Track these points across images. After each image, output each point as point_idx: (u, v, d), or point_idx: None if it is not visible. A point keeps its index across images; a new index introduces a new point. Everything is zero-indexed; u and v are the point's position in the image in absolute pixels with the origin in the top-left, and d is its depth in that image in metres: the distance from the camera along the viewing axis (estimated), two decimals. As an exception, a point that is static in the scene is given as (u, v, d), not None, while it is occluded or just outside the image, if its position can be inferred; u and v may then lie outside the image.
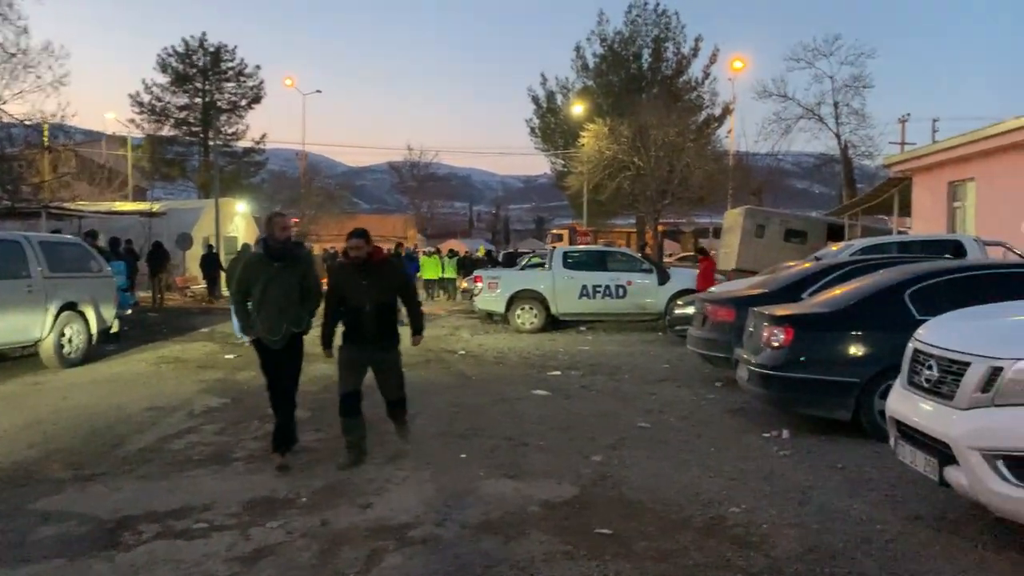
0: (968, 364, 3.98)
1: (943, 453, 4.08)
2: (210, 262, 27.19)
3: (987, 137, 17.59)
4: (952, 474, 4.03)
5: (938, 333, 4.50)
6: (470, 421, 7.75)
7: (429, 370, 11.35)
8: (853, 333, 6.85)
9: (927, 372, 4.35)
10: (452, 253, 29.51)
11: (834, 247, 15.05)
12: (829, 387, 6.79)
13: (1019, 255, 13.10)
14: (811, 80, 55.55)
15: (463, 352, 13.41)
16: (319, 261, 36.70)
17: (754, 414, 7.96)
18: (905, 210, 25.23)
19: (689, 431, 7.31)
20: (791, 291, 9.26)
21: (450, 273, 26.41)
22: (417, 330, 6.62)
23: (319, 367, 11.44)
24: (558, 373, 11.07)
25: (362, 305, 6.13)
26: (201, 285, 28.39)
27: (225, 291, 26.88)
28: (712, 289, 13.71)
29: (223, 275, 27.41)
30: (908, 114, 44.32)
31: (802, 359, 6.85)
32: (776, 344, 6.97)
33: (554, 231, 57.91)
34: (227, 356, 12.74)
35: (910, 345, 4.71)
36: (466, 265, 27.35)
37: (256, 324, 6.27)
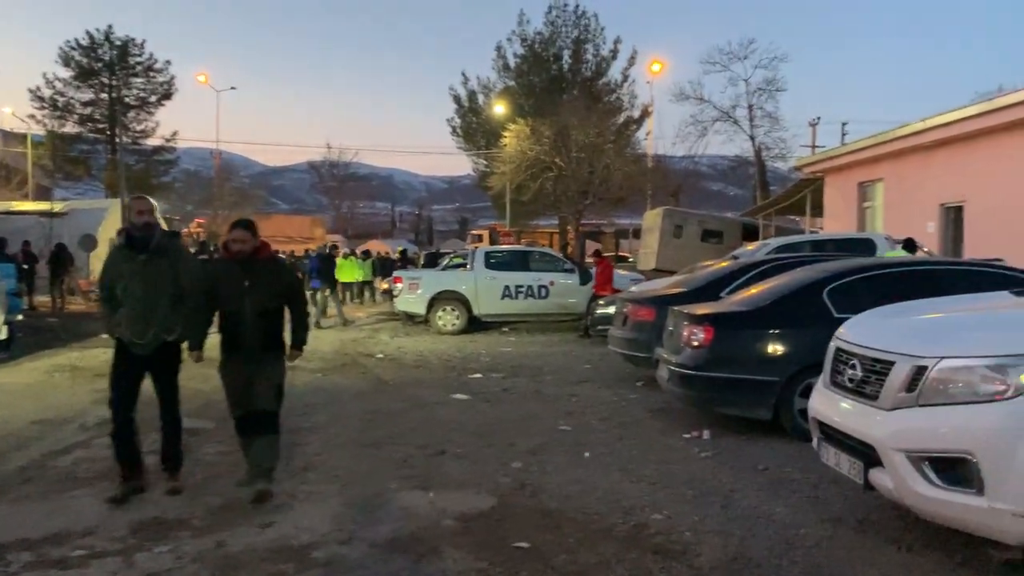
0: (892, 363, 3.87)
1: (868, 455, 3.96)
2: None
3: (895, 139, 18.14)
4: (877, 477, 3.91)
5: (860, 332, 4.40)
6: (384, 429, 7.39)
7: (344, 375, 10.93)
8: (772, 331, 6.79)
9: (850, 372, 4.24)
10: (366, 254, 28.24)
11: (749, 247, 15.24)
12: (749, 386, 6.71)
13: (928, 253, 13.46)
14: (726, 83, 56.78)
15: (381, 355, 13.01)
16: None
17: (675, 414, 7.85)
18: (817, 210, 25.90)
19: (610, 433, 7.13)
20: (710, 290, 9.21)
21: (365, 275, 25.32)
22: (298, 342, 5.62)
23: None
24: (479, 376, 10.80)
25: (241, 309, 5.27)
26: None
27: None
28: (633, 289, 13.66)
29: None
30: (818, 118, 45.77)
31: (722, 358, 6.74)
32: (696, 343, 6.85)
33: (474, 231, 57.18)
34: (128, 363, 12.01)
35: (832, 344, 4.61)
36: (385, 266, 26.62)
37: (119, 324, 5.30)
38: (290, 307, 5.58)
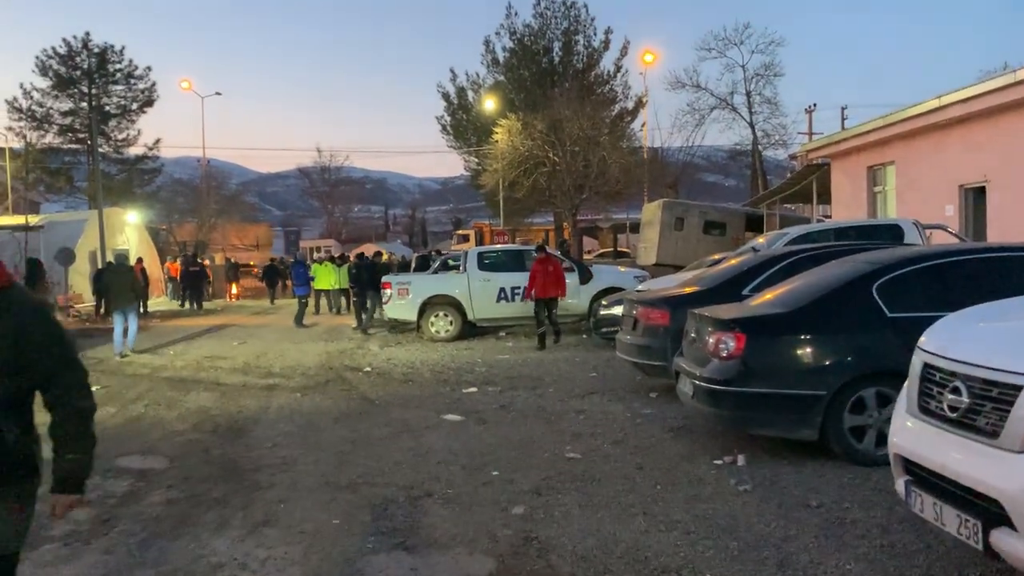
0: (1020, 388, 2.86)
1: (989, 512, 2.95)
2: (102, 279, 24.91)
3: (905, 119, 17.11)
4: (1004, 541, 2.90)
5: (959, 343, 3.38)
6: (364, 463, 6.36)
7: (326, 394, 9.90)
8: (815, 337, 5.77)
9: (951, 397, 3.22)
10: (343, 259, 24.74)
11: (760, 239, 14.18)
12: (790, 402, 5.68)
13: (960, 238, 12.47)
14: (723, 70, 55.91)
15: (369, 369, 11.97)
16: (223, 271, 34.54)
17: (700, 433, 6.84)
18: (824, 197, 24.90)
19: (627, 461, 6.11)
20: (730, 288, 8.19)
21: (340, 282, 22.32)
22: (72, 480, 2.80)
23: (195, 397, 9.90)
24: (474, 390, 9.77)
25: None
26: (89, 304, 26.05)
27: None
28: (641, 288, 12.64)
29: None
30: (814, 104, 44.91)
31: (757, 370, 5.72)
32: (725, 353, 5.83)
33: (460, 232, 54.95)
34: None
35: (917, 359, 3.59)
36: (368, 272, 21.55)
37: None
38: (46, 393, 2.78)
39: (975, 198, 15.83)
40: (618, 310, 13.34)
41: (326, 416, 8.43)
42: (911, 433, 3.49)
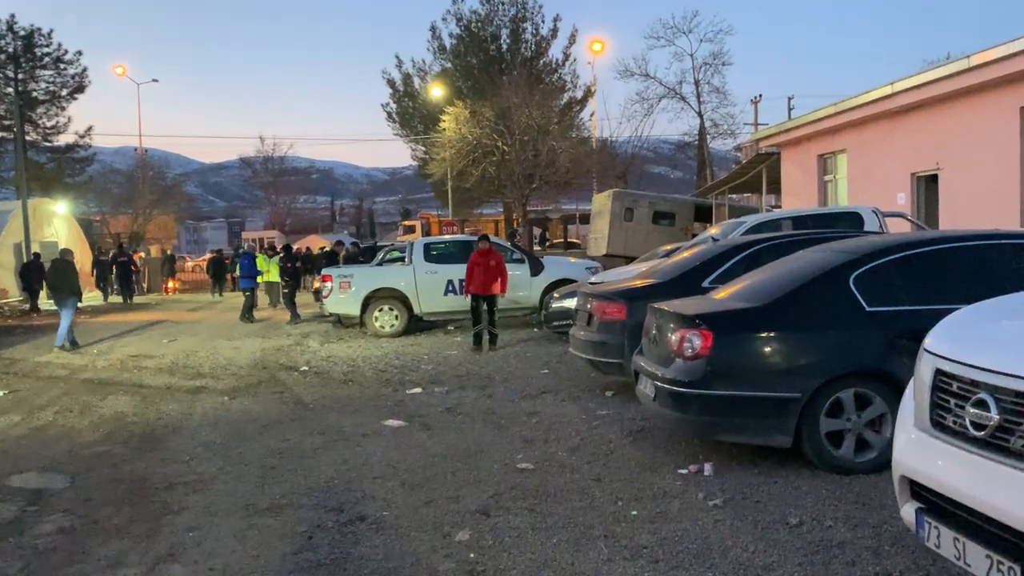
0: (1067, 404, 2.34)
1: (1031, 555, 2.43)
2: (33, 271, 23.55)
3: (857, 107, 16.92)
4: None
5: (980, 345, 2.87)
6: (290, 480, 5.68)
7: (257, 397, 9.15)
8: (788, 334, 5.27)
9: (973, 412, 2.71)
10: (273, 250, 22.82)
11: (713, 229, 13.76)
12: (762, 406, 5.18)
13: (920, 226, 12.20)
14: (672, 59, 55.85)
15: (306, 368, 11.23)
16: (159, 264, 33.04)
17: (661, 437, 6.31)
18: (773, 187, 24.77)
19: (584, 472, 5.54)
20: (690, 280, 7.69)
21: (272, 275, 20.41)
22: None
23: (113, 402, 9.03)
24: (419, 391, 9.13)
25: None
26: (16, 298, 24.63)
27: (47, 302, 23.40)
28: (594, 279, 12.11)
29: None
30: (760, 95, 45.17)
31: (726, 371, 5.20)
32: (690, 353, 5.30)
33: (406, 223, 52.82)
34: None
35: (925, 365, 3.07)
36: (296, 263, 20.39)
37: None
38: None
39: (927, 186, 15.70)
40: (570, 303, 12.81)
41: (254, 423, 7.70)
42: (921, 452, 2.97)
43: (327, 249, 19.69)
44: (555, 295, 13.28)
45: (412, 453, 6.27)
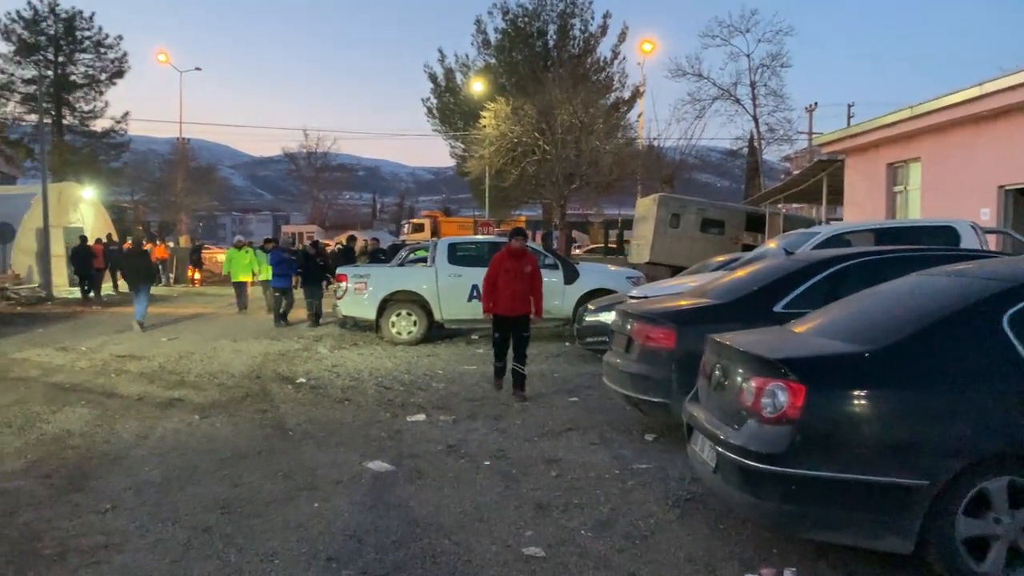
0: None
1: None
2: (85, 256, 22.68)
3: (937, 110, 15.08)
4: None
5: None
6: (219, 557, 4.24)
7: (233, 416, 7.77)
8: (914, 393, 3.69)
9: None
10: (276, 243, 20.11)
11: (770, 243, 12.07)
12: (872, 495, 3.61)
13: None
14: (727, 59, 53.82)
15: (303, 380, 9.86)
16: (187, 254, 32.02)
17: (721, 515, 4.77)
18: (834, 196, 22.92)
19: (615, 566, 4.03)
20: (756, 302, 6.15)
21: (264, 274, 18.50)
22: None
23: (66, 416, 7.42)
24: (421, 418, 7.68)
25: None
26: (32, 284, 23.78)
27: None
28: (635, 293, 10.56)
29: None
30: (815, 103, 42.71)
31: (822, 443, 3.66)
32: (773, 412, 3.76)
33: (414, 220, 49.11)
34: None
35: None
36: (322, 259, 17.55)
37: None
38: None
39: (1015, 200, 13.89)
40: (607, 317, 11.30)
41: (213, 455, 6.31)
42: None
43: (342, 244, 17.64)
44: (590, 307, 11.77)
45: (389, 517, 4.80)
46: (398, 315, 13.61)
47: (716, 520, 4.70)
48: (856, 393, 3.69)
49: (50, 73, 39.60)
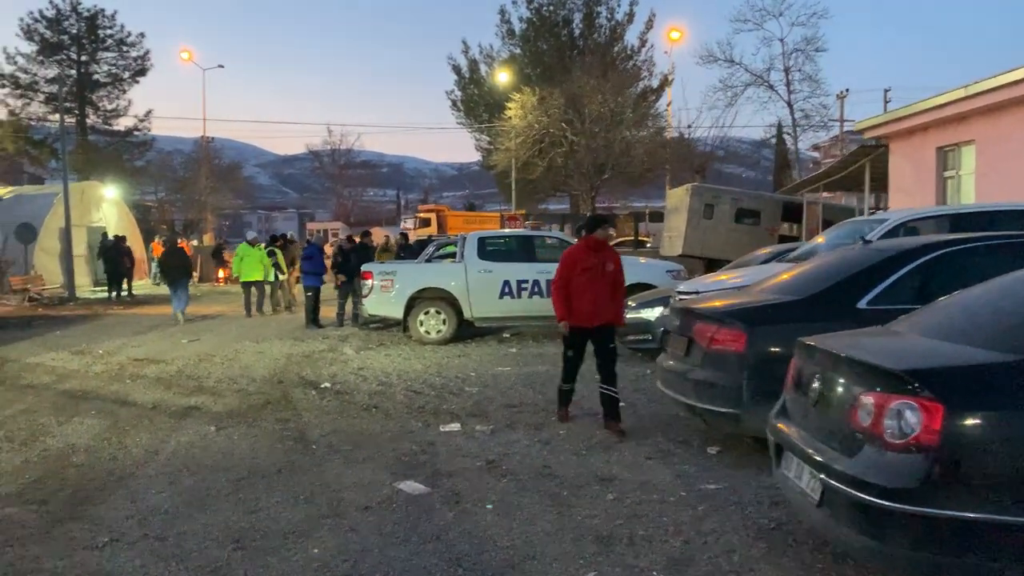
0: None
1: None
2: (116, 255, 22.53)
3: (994, 88, 14.14)
4: None
5: None
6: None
7: (252, 427, 7.15)
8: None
9: None
10: (273, 242, 19.01)
11: (819, 238, 11.20)
12: (1034, 541, 2.88)
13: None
14: (759, 44, 52.57)
15: (328, 384, 9.24)
16: (210, 253, 31.55)
17: (815, 549, 4.05)
18: (877, 183, 21.93)
19: (699, 620, 3.33)
20: (838, 297, 5.40)
21: (267, 272, 17.74)
22: None
23: (74, 428, 6.34)
24: (455, 427, 7.01)
25: None
26: (55, 284, 23.43)
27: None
28: (683, 288, 9.80)
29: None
30: (847, 89, 41.25)
31: (969, 476, 2.93)
32: (902, 437, 3.03)
33: (420, 214, 45.38)
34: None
35: None
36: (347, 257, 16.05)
37: None
38: None
39: (1085, 186, 12.94)
40: (648, 313, 10.58)
41: (229, 474, 5.68)
42: None
43: (358, 241, 16.47)
44: (630, 303, 11.01)
45: (426, 554, 4.14)
46: (426, 313, 12.99)
47: (810, 557, 3.98)
48: (1011, 414, 2.95)
49: (73, 72, 39.43)
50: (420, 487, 5.25)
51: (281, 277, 18.43)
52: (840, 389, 3.49)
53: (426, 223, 40.93)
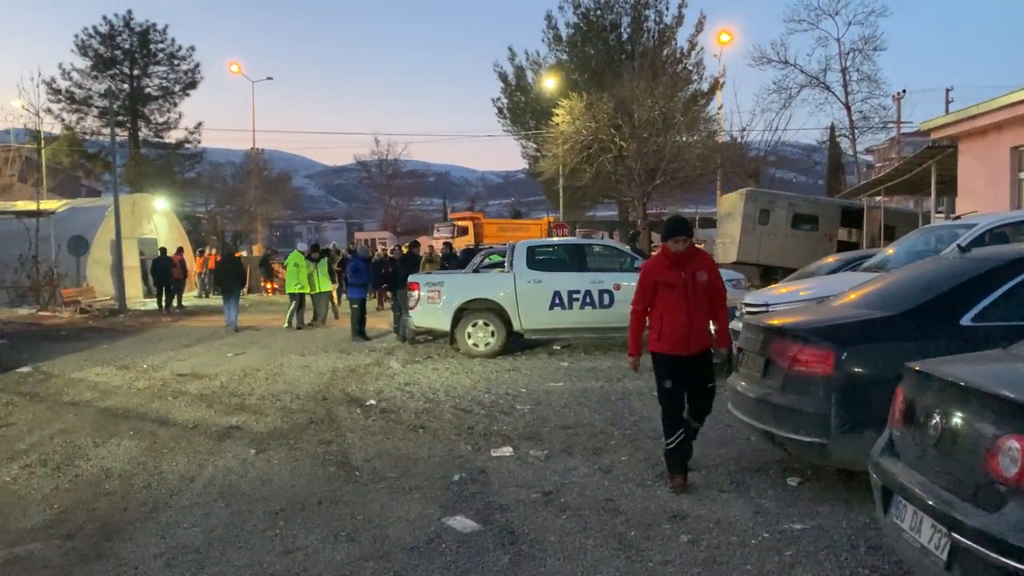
0: None
1: None
2: (164, 268, 22.84)
3: (1076, 84, 13.28)
4: None
5: None
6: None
7: (294, 450, 6.78)
8: None
9: None
10: (323, 252, 18.16)
11: (888, 250, 10.46)
12: None
13: None
14: (815, 44, 51.53)
15: (374, 402, 8.86)
16: (257, 263, 31.59)
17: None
18: (944, 186, 20.94)
19: None
20: (936, 313, 4.80)
21: (323, 284, 17.44)
22: None
23: (111, 450, 5.94)
24: (508, 452, 6.54)
25: None
26: (106, 296, 23.60)
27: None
28: (749, 300, 9.20)
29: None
30: (904, 90, 39.96)
31: None
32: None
33: (458, 223, 43.20)
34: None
35: None
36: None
37: None
38: None
39: None
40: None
41: (267, 504, 5.29)
42: None
43: (405, 251, 15.89)
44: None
45: (480, 609, 3.67)
46: (474, 325, 12.57)
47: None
48: None
49: (125, 86, 40.10)
50: (471, 524, 4.79)
51: (329, 288, 18.23)
52: (970, 428, 2.93)
53: (464, 232, 40.46)
